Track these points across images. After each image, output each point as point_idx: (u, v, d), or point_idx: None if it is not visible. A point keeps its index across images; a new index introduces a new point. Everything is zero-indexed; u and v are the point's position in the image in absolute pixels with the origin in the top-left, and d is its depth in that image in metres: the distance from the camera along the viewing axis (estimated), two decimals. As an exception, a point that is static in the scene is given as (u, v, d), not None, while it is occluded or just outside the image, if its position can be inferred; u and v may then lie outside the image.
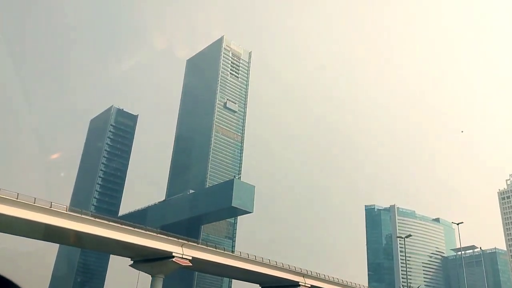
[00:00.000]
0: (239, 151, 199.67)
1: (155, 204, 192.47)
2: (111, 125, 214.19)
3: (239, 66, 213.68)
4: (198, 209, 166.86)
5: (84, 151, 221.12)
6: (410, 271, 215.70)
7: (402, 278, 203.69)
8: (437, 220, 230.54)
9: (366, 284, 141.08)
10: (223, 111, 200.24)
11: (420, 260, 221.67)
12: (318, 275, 68.85)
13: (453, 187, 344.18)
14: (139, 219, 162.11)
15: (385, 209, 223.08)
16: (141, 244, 49.93)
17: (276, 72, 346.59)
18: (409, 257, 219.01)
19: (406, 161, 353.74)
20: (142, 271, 54.57)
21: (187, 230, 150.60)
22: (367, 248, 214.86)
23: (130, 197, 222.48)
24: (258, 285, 72.03)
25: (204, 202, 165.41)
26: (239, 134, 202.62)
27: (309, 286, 66.23)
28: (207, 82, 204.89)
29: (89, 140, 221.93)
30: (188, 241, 58.59)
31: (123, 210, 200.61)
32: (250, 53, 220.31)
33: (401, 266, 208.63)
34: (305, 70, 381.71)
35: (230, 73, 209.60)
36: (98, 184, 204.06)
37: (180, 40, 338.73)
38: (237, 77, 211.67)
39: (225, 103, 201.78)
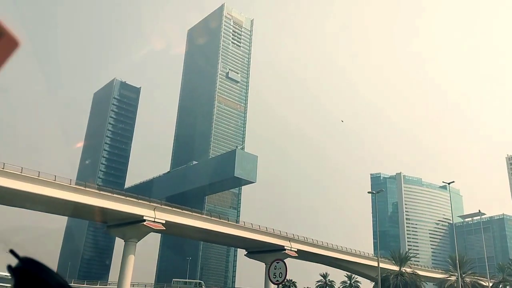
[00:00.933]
0: (243, 122, 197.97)
1: (159, 176, 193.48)
2: (114, 97, 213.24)
3: (241, 35, 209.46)
4: (201, 180, 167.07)
5: (88, 124, 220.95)
6: (416, 238, 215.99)
7: (408, 244, 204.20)
8: (444, 187, 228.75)
9: (372, 252, 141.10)
10: (225, 81, 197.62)
11: (427, 228, 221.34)
12: (306, 239, 67.81)
13: (461, 154, 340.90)
14: (144, 191, 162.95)
15: (391, 177, 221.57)
16: (110, 207, 48.72)
17: (279, 39, 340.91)
18: (416, 224, 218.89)
19: (412, 129, 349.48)
20: (115, 235, 54.03)
21: (192, 201, 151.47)
22: (372, 216, 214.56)
23: (135, 169, 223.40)
24: (245, 250, 71.94)
25: (207, 173, 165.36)
26: (242, 104, 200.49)
27: (296, 250, 65.47)
28: (209, 52, 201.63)
29: (93, 113, 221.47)
30: (161, 205, 57.40)
31: (129, 182, 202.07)
32: (252, 21, 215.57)
33: (407, 233, 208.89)
34: (308, 35, 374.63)
35: (232, 42, 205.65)
36: (103, 157, 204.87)
37: (181, 10, 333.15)
38: (239, 46, 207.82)
39: (227, 73, 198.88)
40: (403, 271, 66.23)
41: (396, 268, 67.05)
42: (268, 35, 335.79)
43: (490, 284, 68.50)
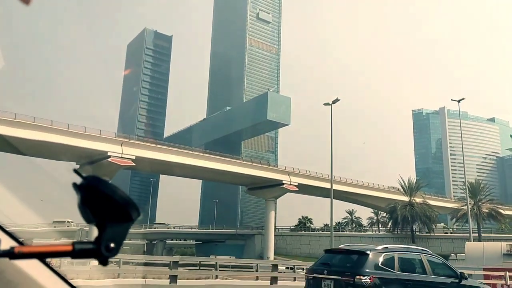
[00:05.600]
0: (276, 64, 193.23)
1: (196, 124, 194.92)
2: (147, 47, 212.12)
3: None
4: (235, 125, 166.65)
5: (124, 76, 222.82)
6: (462, 174, 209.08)
7: (453, 180, 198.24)
8: (492, 120, 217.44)
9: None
10: (256, 23, 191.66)
11: (474, 162, 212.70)
12: (308, 172, 65.27)
13: (508, 85, 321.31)
14: (183, 139, 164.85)
15: (434, 113, 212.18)
16: (70, 144, 46.61)
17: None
18: (462, 159, 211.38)
19: (457, 61, 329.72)
20: (86, 174, 52.39)
21: (228, 147, 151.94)
22: (415, 154, 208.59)
23: (173, 118, 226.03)
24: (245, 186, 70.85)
25: (240, 117, 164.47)
26: (274, 46, 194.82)
27: (296, 184, 63.35)
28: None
29: (128, 65, 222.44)
30: (130, 139, 54.18)
31: (168, 131, 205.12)
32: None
33: (452, 169, 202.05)
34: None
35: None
36: (140, 107, 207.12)
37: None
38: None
39: (258, 14, 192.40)
40: (413, 201, 63.27)
41: (406, 198, 64.25)
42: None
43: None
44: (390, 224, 67.93)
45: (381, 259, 9.36)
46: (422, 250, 10.82)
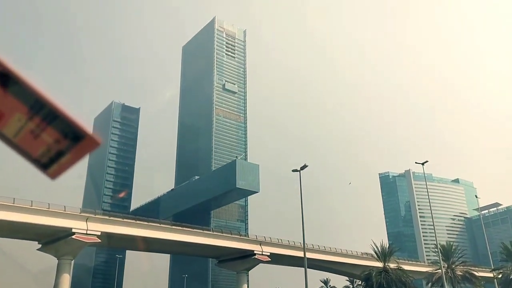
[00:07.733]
0: (243, 132, 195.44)
1: (164, 194, 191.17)
2: (114, 120, 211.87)
3: (234, 46, 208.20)
4: (204, 194, 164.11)
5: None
6: (433, 235, 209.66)
7: (425, 243, 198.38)
8: (456, 181, 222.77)
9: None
10: (222, 93, 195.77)
11: (444, 224, 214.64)
12: (280, 241, 63.70)
13: (469, 146, 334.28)
14: (150, 211, 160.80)
15: (400, 175, 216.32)
16: (33, 222, 44.18)
17: (273, 47, 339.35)
18: (431, 221, 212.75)
19: (417, 126, 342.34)
20: (49, 254, 49.19)
21: (198, 217, 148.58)
22: (385, 217, 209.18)
23: (140, 190, 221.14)
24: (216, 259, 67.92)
25: (209, 187, 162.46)
26: (241, 115, 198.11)
27: (268, 254, 61.24)
28: (204, 66, 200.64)
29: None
30: (95, 214, 52.93)
31: (135, 203, 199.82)
32: (244, 31, 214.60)
33: (423, 232, 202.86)
34: (303, 41, 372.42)
35: (226, 54, 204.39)
36: (107, 180, 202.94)
37: (174, 28, 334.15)
38: (234, 57, 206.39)
39: (224, 85, 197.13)
40: (387, 267, 61.85)
41: (380, 264, 62.77)
42: (262, 43, 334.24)
43: (498, 276, 63.42)
44: (366, 292, 65.73)
45: None
46: None
